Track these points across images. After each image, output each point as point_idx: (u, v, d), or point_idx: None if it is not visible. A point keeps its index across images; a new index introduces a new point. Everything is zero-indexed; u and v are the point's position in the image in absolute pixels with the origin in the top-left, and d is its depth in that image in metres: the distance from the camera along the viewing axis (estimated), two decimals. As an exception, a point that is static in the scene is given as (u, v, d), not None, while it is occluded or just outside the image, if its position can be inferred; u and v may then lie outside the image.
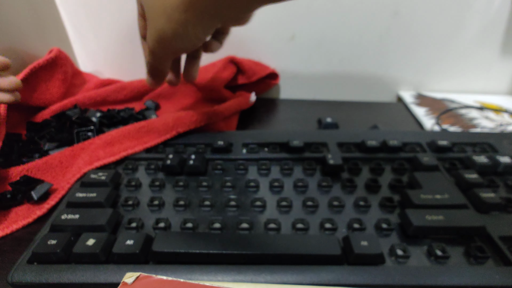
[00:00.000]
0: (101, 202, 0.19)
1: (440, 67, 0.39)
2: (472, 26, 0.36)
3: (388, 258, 0.17)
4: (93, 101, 0.34)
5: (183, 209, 0.20)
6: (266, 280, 0.16)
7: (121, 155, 0.25)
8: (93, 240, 0.17)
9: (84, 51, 0.40)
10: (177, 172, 0.23)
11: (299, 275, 0.16)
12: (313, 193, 0.21)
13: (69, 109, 0.31)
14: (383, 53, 0.39)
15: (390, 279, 0.15)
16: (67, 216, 0.18)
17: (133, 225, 0.19)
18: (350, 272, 0.16)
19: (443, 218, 0.18)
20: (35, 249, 0.17)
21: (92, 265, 0.16)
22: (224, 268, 0.16)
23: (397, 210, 0.20)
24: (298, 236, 0.17)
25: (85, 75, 0.39)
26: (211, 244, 0.17)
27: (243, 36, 0.39)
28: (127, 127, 0.26)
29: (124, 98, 0.36)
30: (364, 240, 0.17)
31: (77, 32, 0.38)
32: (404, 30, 0.37)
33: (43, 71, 0.31)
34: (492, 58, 0.38)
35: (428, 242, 0.17)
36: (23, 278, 0.16)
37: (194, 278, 0.16)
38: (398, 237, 0.18)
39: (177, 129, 0.27)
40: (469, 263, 0.17)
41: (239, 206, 0.20)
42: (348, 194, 0.21)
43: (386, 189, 0.22)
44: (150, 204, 0.20)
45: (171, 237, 0.17)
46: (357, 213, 0.20)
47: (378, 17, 0.36)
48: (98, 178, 0.21)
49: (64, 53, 0.33)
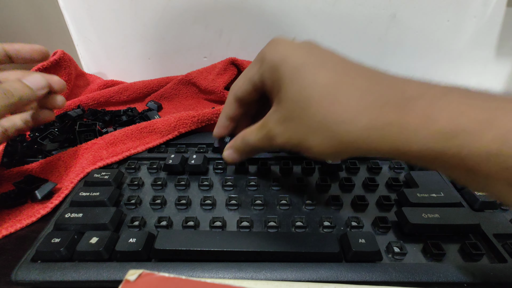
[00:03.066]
0: (104, 201, 0.20)
1: (437, 69, 0.40)
2: (468, 29, 0.37)
3: (385, 255, 0.17)
4: (96, 102, 0.34)
5: (185, 207, 0.20)
6: (266, 277, 0.16)
7: (124, 155, 0.25)
8: (96, 238, 0.17)
9: (87, 53, 0.40)
10: (179, 171, 0.23)
11: (298, 272, 0.16)
12: (312, 192, 0.22)
13: (72, 110, 0.31)
14: (382, 55, 0.39)
15: (387, 276, 0.16)
16: (70, 215, 0.19)
17: (136, 224, 0.19)
18: (348, 269, 0.16)
19: (439, 216, 0.18)
20: (39, 247, 0.17)
21: (95, 263, 0.17)
22: (225, 265, 0.16)
23: (394, 209, 0.20)
24: (297, 234, 0.18)
25: (89, 77, 0.39)
26: (212, 242, 0.17)
27: (244, 38, 0.39)
28: (130, 127, 0.27)
29: (127, 99, 0.36)
30: (361, 237, 0.17)
31: (81, 35, 0.39)
32: (401, 33, 0.38)
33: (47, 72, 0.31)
34: (486, 60, 0.39)
35: (424, 240, 0.18)
36: (27, 276, 0.16)
37: (195, 275, 0.16)
38: (395, 234, 0.19)
39: (179, 129, 0.27)
40: (464, 260, 0.17)
41: (239, 205, 0.21)
42: (346, 193, 0.22)
43: (383, 188, 0.22)
44: (152, 203, 0.20)
45: (173, 235, 0.17)
46: (355, 211, 0.20)
47: (376, 20, 0.37)
48: (101, 177, 0.22)
49: (68, 55, 0.33)
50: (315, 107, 0.14)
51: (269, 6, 0.36)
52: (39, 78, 0.20)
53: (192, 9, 0.37)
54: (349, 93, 0.13)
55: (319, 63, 0.15)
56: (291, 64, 0.15)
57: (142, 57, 0.41)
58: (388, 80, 0.14)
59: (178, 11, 0.37)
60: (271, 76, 0.16)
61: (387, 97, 0.13)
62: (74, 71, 0.35)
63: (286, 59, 0.15)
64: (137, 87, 0.36)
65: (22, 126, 0.22)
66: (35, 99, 0.20)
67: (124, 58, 0.41)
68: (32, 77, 0.20)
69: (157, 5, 0.37)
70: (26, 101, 0.19)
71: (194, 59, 0.41)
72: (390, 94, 0.13)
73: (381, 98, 0.13)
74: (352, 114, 0.13)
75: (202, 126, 0.28)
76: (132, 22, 0.38)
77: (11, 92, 0.18)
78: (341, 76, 0.14)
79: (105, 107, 0.35)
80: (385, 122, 0.12)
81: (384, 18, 0.37)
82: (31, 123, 0.22)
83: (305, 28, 0.38)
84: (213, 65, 0.38)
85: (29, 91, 0.19)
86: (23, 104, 0.19)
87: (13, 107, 0.18)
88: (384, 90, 0.13)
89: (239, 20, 0.38)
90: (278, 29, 0.38)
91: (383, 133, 0.13)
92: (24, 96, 0.19)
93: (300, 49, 0.16)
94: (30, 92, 0.19)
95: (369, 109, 0.13)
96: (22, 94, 0.18)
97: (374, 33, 0.38)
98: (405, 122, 0.12)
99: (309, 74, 0.14)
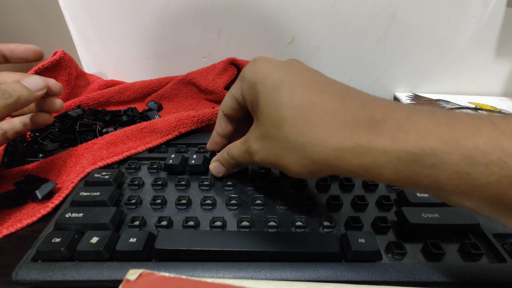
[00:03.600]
0: (105, 201, 0.20)
1: (436, 69, 0.40)
2: (467, 29, 0.37)
3: (385, 255, 0.17)
4: (96, 102, 0.34)
5: (185, 207, 0.20)
6: (266, 276, 0.16)
7: (124, 155, 0.25)
8: (97, 238, 0.17)
9: (88, 53, 0.41)
10: (179, 171, 0.23)
11: (298, 272, 0.16)
12: (312, 192, 0.22)
13: (72, 110, 0.31)
14: (381, 55, 0.39)
15: (387, 276, 0.16)
16: (71, 215, 0.19)
17: (136, 223, 0.19)
18: (348, 268, 0.16)
19: (439, 216, 0.18)
20: (39, 247, 0.17)
21: (95, 262, 0.17)
22: (225, 265, 0.16)
23: (393, 209, 0.20)
24: (297, 234, 0.18)
25: (89, 77, 0.39)
26: (212, 241, 0.17)
27: (243, 38, 0.39)
28: (130, 127, 0.27)
29: (127, 99, 0.36)
30: (361, 237, 0.17)
31: (81, 35, 0.39)
32: (401, 33, 0.38)
33: (47, 72, 0.31)
34: (486, 60, 0.39)
35: (424, 240, 0.18)
36: (27, 276, 0.16)
37: (196, 274, 0.16)
38: (394, 234, 0.19)
39: (179, 129, 0.27)
40: (464, 260, 0.17)
41: (239, 205, 0.21)
42: (346, 193, 0.22)
43: (383, 188, 0.22)
44: (152, 203, 0.20)
45: (173, 235, 0.17)
46: (354, 211, 0.20)
47: (376, 20, 0.37)
48: (101, 177, 0.22)
49: (68, 55, 0.33)
50: (289, 128, 0.14)
51: (268, 6, 0.36)
52: (37, 79, 0.20)
53: (191, 10, 0.37)
54: (321, 115, 0.14)
55: (295, 83, 0.15)
56: (268, 83, 0.15)
57: (141, 57, 0.41)
58: (360, 100, 0.14)
59: (177, 11, 0.37)
60: (249, 93, 0.17)
61: (357, 119, 0.13)
62: (75, 71, 0.35)
63: (264, 78, 0.16)
64: (137, 87, 0.36)
65: (21, 128, 0.22)
66: (34, 100, 0.20)
67: (124, 58, 0.41)
68: (30, 78, 0.20)
69: (156, 6, 0.37)
70: (24, 102, 0.19)
71: (193, 59, 0.41)
72: (360, 115, 0.13)
73: (352, 120, 0.13)
74: (324, 135, 0.13)
75: (202, 126, 0.28)
76: (131, 22, 0.38)
77: (9, 92, 0.18)
78: (315, 97, 0.14)
79: (106, 107, 0.35)
80: (355, 143, 0.13)
81: (384, 18, 0.37)
82: (30, 126, 0.22)
83: (305, 28, 0.38)
84: (213, 65, 0.38)
85: (27, 92, 0.19)
86: (22, 105, 0.19)
87: (12, 108, 0.18)
88: (355, 111, 0.14)
89: (238, 20, 0.38)
90: (277, 29, 0.38)
91: (353, 154, 0.13)
92: (22, 96, 0.19)
93: (279, 68, 0.16)
94: (28, 93, 0.19)
95: (340, 131, 0.13)
96: (20, 94, 0.18)
97: (373, 33, 0.38)
98: (374, 144, 0.13)
99: (285, 94, 0.15)
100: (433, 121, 0.12)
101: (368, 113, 0.13)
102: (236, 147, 0.18)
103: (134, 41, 0.39)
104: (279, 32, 0.38)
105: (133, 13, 0.37)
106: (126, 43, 0.39)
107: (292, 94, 0.15)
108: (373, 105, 0.14)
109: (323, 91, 0.15)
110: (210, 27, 0.38)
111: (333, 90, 0.15)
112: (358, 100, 0.14)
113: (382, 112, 0.13)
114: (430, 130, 0.12)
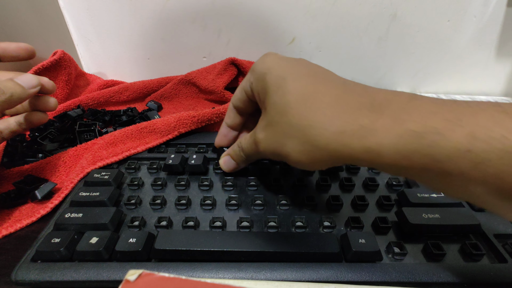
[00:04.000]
0: (104, 201, 0.20)
1: (437, 69, 0.40)
2: (468, 29, 0.37)
3: (385, 255, 0.17)
4: (96, 102, 0.34)
5: (185, 207, 0.20)
6: (266, 277, 0.16)
7: (124, 155, 0.25)
8: (96, 238, 0.17)
9: (87, 53, 0.40)
10: (179, 171, 0.23)
11: (298, 272, 0.16)
12: (312, 192, 0.22)
13: (72, 110, 0.31)
14: (382, 55, 0.39)
15: (387, 276, 0.16)
16: (70, 215, 0.19)
17: (136, 224, 0.19)
18: (348, 269, 0.16)
19: (439, 216, 0.18)
20: (39, 247, 0.17)
21: (95, 263, 0.17)
22: (225, 265, 0.16)
23: (394, 209, 0.20)
24: (297, 234, 0.18)
25: (89, 77, 0.39)
26: (212, 242, 0.17)
27: (243, 38, 0.39)
28: (130, 127, 0.27)
29: (127, 99, 0.36)
30: (362, 238, 0.17)
31: (81, 35, 0.39)
32: (402, 33, 0.38)
33: (47, 72, 0.31)
34: (487, 60, 0.39)
35: (425, 240, 0.18)
36: (26, 276, 0.16)
37: (195, 275, 0.16)
38: (395, 235, 0.19)
39: (179, 129, 0.27)
40: (464, 261, 0.17)
41: (239, 205, 0.21)
42: (346, 193, 0.22)
43: (383, 188, 0.22)
44: (152, 203, 0.20)
45: (173, 235, 0.17)
46: (355, 211, 0.20)
47: (377, 20, 0.37)
48: (101, 177, 0.22)
49: (68, 55, 0.33)
50: (292, 113, 0.15)
51: (268, 6, 0.36)
52: (31, 77, 0.20)
53: (191, 10, 0.37)
54: (323, 100, 0.14)
55: (300, 74, 0.16)
56: (275, 74, 0.16)
57: (141, 57, 0.41)
58: (360, 89, 0.15)
59: (176, 11, 0.37)
60: (258, 85, 0.17)
61: (360, 102, 0.14)
62: (74, 71, 0.35)
63: (272, 69, 0.16)
64: (137, 87, 0.36)
65: (16, 128, 0.22)
66: (27, 98, 0.20)
67: (124, 58, 0.41)
68: (24, 76, 0.20)
69: (156, 6, 0.37)
70: (18, 99, 0.19)
71: (193, 59, 0.41)
72: (362, 100, 0.14)
73: (353, 104, 0.14)
74: (326, 118, 0.14)
75: (202, 126, 0.28)
76: (131, 22, 0.38)
77: (2, 89, 0.18)
78: (318, 86, 0.15)
79: (105, 107, 0.35)
80: (357, 125, 0.13)
81: (385, 17, 0.37)
82: (25, 125, 0.22)
83: (305, 28, 0.38)
84: (213, 65, 0.38)
85: (21, 89, 0.19)
86: (15, 102, 0.19)
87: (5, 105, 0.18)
88: (356, 97, 0.14)
89: (238, 20, 0.38)
90: (277, 28, 0.38)
91: (355, 136, 0.13)
92: (16, 94, 0.19)
93: (286, 61, 0.17)
94: (22, 90, 0.19)
95: (342, 114, 0.14)
96: (13, 91, 0.19)
97: (374, 33, 0.38)
98: (376, 124, 0.13)
99: (291, 82, 0.15)
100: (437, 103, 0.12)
101: (371, 96, 0.14)
102: (246, 139, 0.19)
103: (134, 41, 0.39)
104: (280, 31, 0.38)
105: (133, 13, 0.37)
106: (125, 43, 0.39)
107: (298, 82, 0.15)
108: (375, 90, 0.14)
109: (327, 80, 0.15)
110: (210, 27, 0.38)
111: (337, 79, 0.15)
112: (361, 87, 0.15)
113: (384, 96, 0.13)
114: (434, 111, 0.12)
